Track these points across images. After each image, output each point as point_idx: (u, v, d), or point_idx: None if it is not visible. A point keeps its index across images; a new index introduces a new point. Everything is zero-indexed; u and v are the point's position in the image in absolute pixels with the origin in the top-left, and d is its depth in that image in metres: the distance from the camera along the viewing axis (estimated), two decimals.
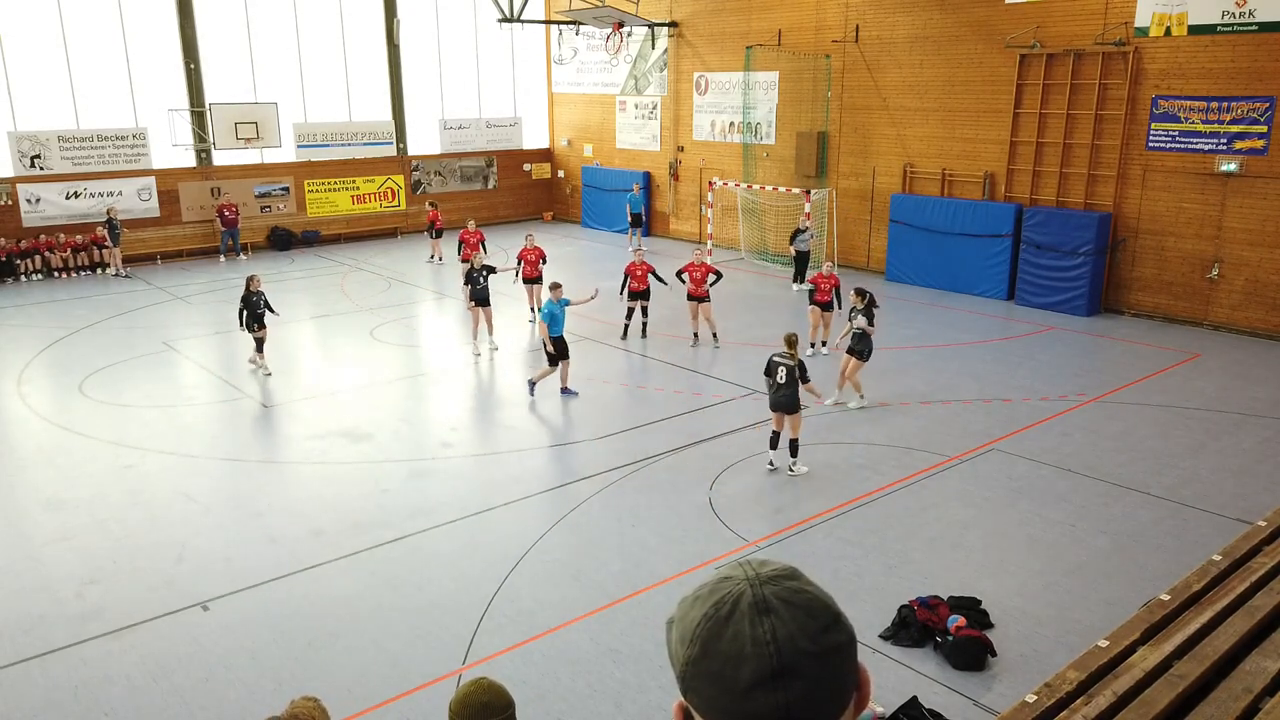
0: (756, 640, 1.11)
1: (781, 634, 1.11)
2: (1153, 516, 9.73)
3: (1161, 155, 17.13)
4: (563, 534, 9.42)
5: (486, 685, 3.34)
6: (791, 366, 10.55)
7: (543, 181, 30.50)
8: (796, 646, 1.11)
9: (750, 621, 1.12)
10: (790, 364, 10.56)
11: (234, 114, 23.56)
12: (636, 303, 16.32)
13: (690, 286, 15.65)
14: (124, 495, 10.35)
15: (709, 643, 1.13)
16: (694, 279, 15.60)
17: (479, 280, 15.12)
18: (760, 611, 1.13)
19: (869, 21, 20.98)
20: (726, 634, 1.12)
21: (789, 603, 1.14)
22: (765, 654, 1.10)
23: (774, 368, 10.67)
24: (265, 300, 14.37)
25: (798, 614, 1.14)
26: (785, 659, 1.10)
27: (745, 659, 1.10)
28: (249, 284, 14.28)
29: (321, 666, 7.29)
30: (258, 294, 14.24)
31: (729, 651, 1.11)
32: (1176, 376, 14.34)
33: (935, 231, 19.97)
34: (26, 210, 21.94)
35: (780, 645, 1.11)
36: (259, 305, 14.23)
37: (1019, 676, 7.04)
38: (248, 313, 14.17)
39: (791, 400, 10.58)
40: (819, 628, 1.14)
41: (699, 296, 15.63)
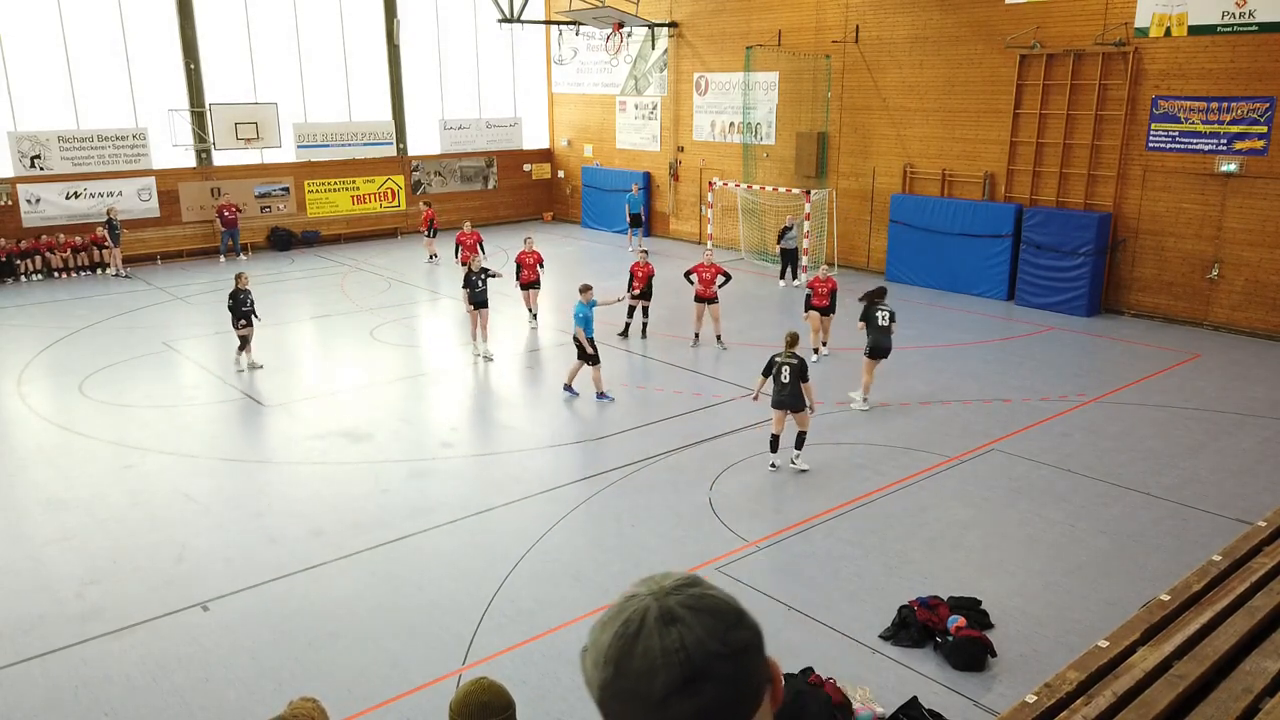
0: (666, 650, 1.13)
1: (689, 640, 1.13)
2: (1152, 517, 9.73)
3: (1161, 155, 17.13)
4: (563, 534, 9.42)
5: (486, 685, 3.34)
6: (795, 366, 10.58)
7: (543, 182, 30.50)
8: (706, 650, 1.13)
9: (658, 634, 1.14)
10: (793, 363, 10.60)
11: (234, 114, 23.56)
12: (638, 302, 16.34)
13: (699, 288, 15.61)
14: (124, 495, 10.36)
15: (621, 661, 1.14)
16: (704, 280, 15.58)
17: (478, 283, 15.09)
18: (666, 622, 1.14)
19: (869, 22, 20.98)
20: (637, 650, 1.14)
21: (693, 609, 1.16)
22: (675, 662, 1.12)
23: (777, 368, 10.69)
24: (251, 300, 14.45)
25: (703, 618, 1.16)
26: (696, 664, 1.12)
27: (657, 670, 1.12)
28: (237, 281, 14.44)
29: (321, 666, 7.29)
30: (245, 292, 14.34)
31: (641, 667, 1.13)
32: (1176, 377, 14.34)
33: (935, 232, 19.97)
34: (26, 210, 21.94)
35: (690, 651, 1.13)
36: (245, 303, 14.32)
37: (1019, 677, 7.04)
38: (234, 310, 14.31)
39: (796, 399, 10.61)
40: (725, 628, 1.16)
41: (708, 298, 15.60)
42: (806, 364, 10.80)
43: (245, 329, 14.37)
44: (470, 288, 15.08)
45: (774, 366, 10.74)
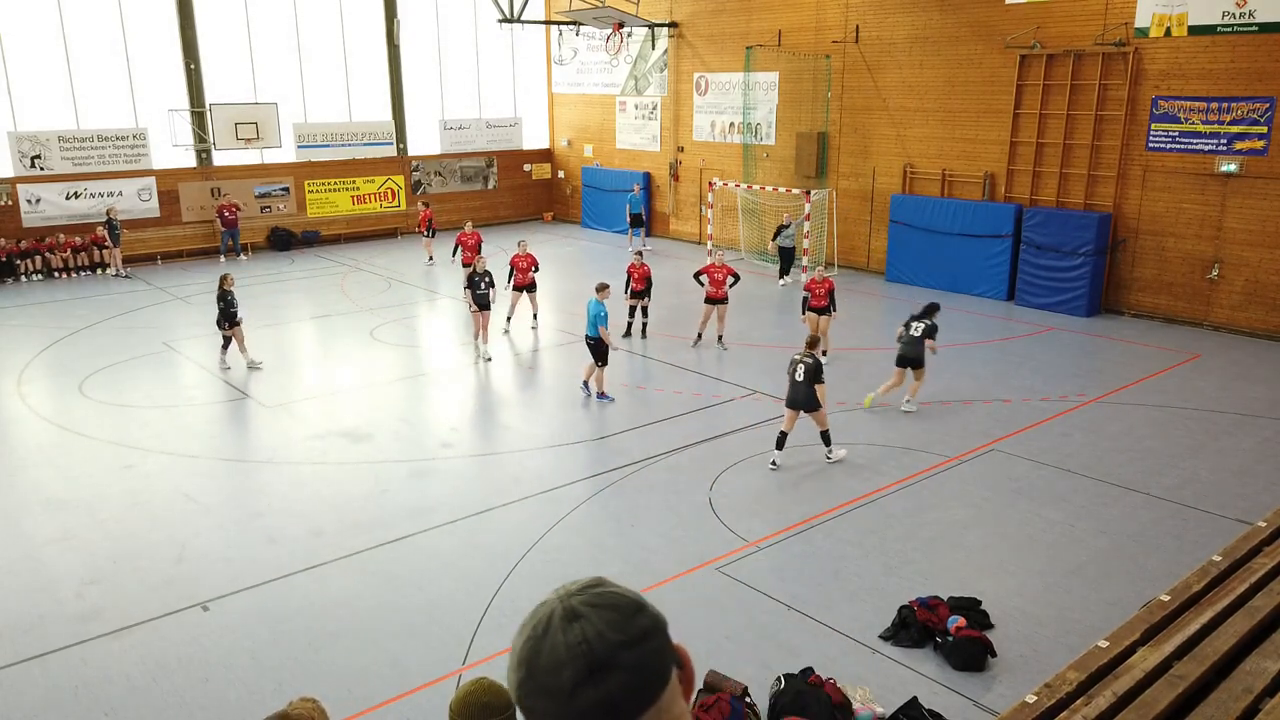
0: (570, 645, 1.20)
1: (591, 633, 1.21)
2: (1153, 517, 9.73)
3: (1161, 156, 17.13)
4: (563, 534, 9.42)
5: (487, 685, 3.34)
6: (809, 366, 10.71)
7: (543, 182, 30.51)
8: (607, 641, 1.20)
9: (563, 631, 1.22)
10: (808, 363, 10.73)
11: (234, 114, 23.56)
12: (637, 302, 16.33)
13: (710, 289, 15.55)
14: (124, 495, 10.36)
15: (531, 661, 1.22)
16: (714, 281, 15.51)
17: (480, 285, 15.07)
18: (570, 620, 1.22)
19: (869, 22, 20.98)
20: (545, 649, 1.22)
21: (594, 605, 1.24)
22: (579, 654, 1.19)
23: (792, 366, 10.84)
24: (233, 300, 14.58)
25: (604, 612, 1.23)
26: (599, 655, 1.19)
27: (564, 665, 1.19)
28: (222, 283, 14.51)
29: (321, 667, 7.29)
30: (230, 292, 14.44)
31: (549, 664, 1.21)
32: (1176, 377, 14.34)
33: (935, 232, 19.97)
34: (27, 210, 21.94)
35: (592, 644, 1.20)
36: (232, 304, 14.45)
37: (1019, 677, 7.04)
38: (224, 310, 14.41)
39: (809, 398, 10.69)
40: (624, 618, 1.23)
41: (719, 299, 15.55)
42: (821, 365, 10.89)
43: (231, 329, 14.47)
44: (473, 289, 15.06)
45: (792, 364, 10.87)
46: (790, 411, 10.86)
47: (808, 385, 10.66)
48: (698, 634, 7.62)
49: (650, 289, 16.44)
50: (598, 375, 13.21)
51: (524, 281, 16.71)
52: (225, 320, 14.42)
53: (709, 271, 15.60)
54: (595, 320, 12.93)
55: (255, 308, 18.52)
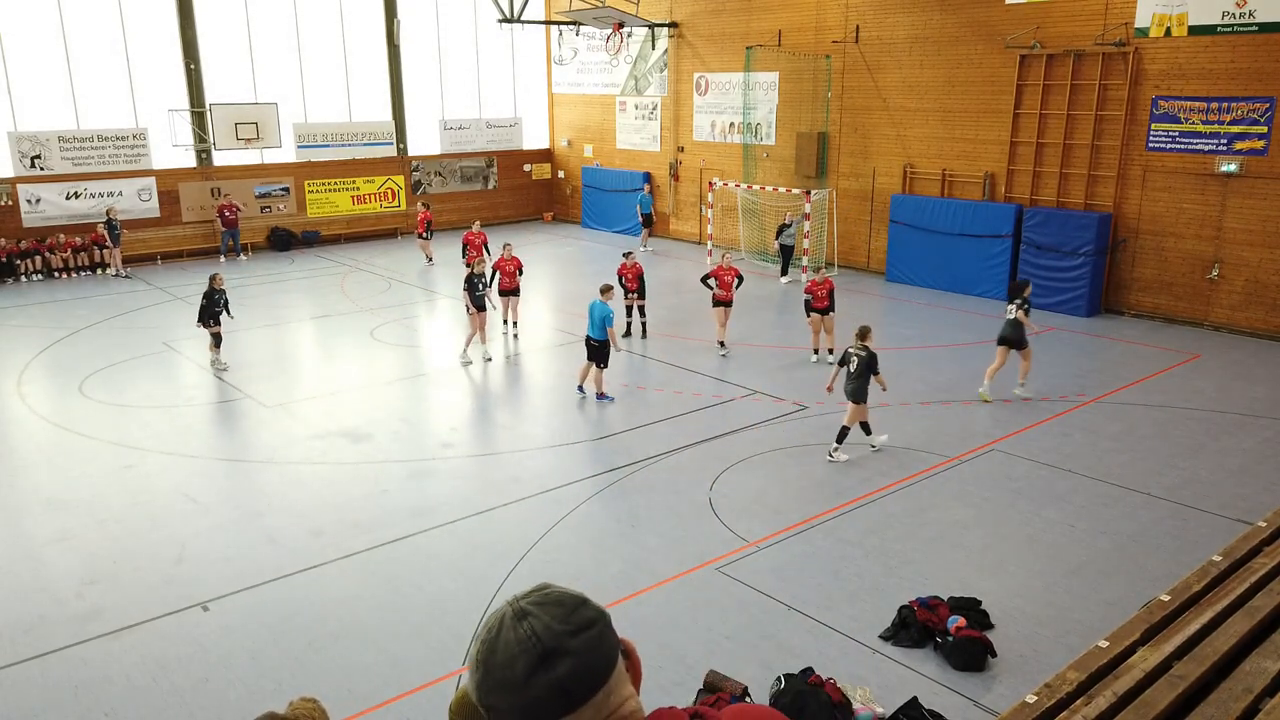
0: (520, 640, 1.32)
1: (539, 627, 1.33)
2: (1153, 517, 9.72)
3: (1161, 156, 17.13)
4: (563, 534, 9.42)
5: None
6: (864, 358, 10.99)
7: (543, 182, 30.51)
8: (553, 631, 1.32)
9: (513, 629, 1.34)
10: (863, 355, 11.02)
11: (234, 114, 23.56)
12: (633, 302, 16.26)
13: (720, 291, 15.36)
14: (124, 495, 10.36)
15: (488, 660, 1.34)
16: (723, 283, 15.34)
17: (479, 286, 14.99)
18: (519, 618, 1.35)
19: (869, 22, 20.98)
20: (498, 646, 1.34)
21: (540, 604, 1.36)
22: (529, 647, 1.32)
23: (847, 358, 11.16)
24: (226, 300, 14.77)
25: (549, 608, 1.35)
26: (547, 645, 1.32)
27: (516, 658, 1.31)
28: (212, 281, 14.58)
29: (321, 667, 7.29)
30: (219, 292, 14.54)
31: (503, 659, 1.33)
32: (1176, 377, 14.34)
33: (935, 232, 19.97)
34: (27, 210, 21.94)
35: (540, 635, 1.32)
36: (218, 304, 14.53)
37: (1019, 677, 7.04)
38: (207, 309, 14.45)
39: (859, 391, 10.98)
40: (568, 611, 1.35)
41: (728, 301, 15.41)
42: (876, 357, 11.13)
43: (215, 327, 14.51)
44: (471, 290, 14.98)
45: (846, 357, 11.19)
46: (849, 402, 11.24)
47: (859, 377, 10.98)
48: (698, 634, 7.63)
49: (644, 288, 16.37)
50: (597, 376, 13.16)
51: (510, 285, 16.49)
52: (211, 318, 14.45)
53: (718, 274, 15.45)
54: (603, 321, 12.84)
55: (255, 308, 18.53)
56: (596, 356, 13.07)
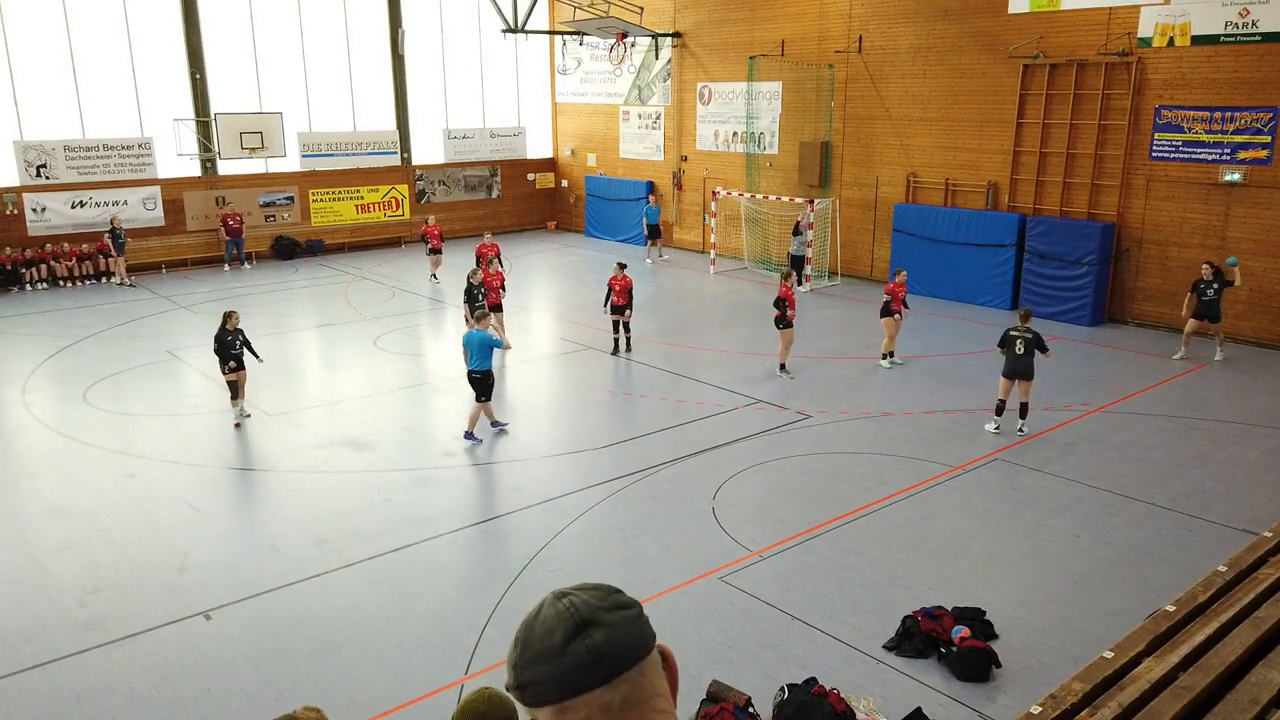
0: (559, 612, 1.38)
1: (578, 601, 1.39)
2: (1157, 527, 9.69)
3: (1165, 165, 17.13)
4: (565, 544, 9.41)
5: (488, 696, 3.32)
6: (1030, 339, 11.83)
7: (546, 191, 30.56)
8: (591, 606, 1.38)
9: (553, 606, 1.39)
10: (1028, 337, 11.85)
11: (239, 123, 23.65)
12: (618, 317, 15.83)
13: (792, 313, 14.52)
14: (127, 504, 10.36)
15: (527, 635, 1.39)
16: (793, 304, 14.52)
17: (479, 297, 14.95)
18: (559, 597, 1.41)
19: (872, 32, 21.02)
20: (538, 622, 1.39)
21: (580, 588, 1.43)
22: (567, 616, 1.37)
23: (1010, 340, 11.97)
24: (245, 339, 12.72)
25: (588, 590, 1.42)
26: (584, 614, 1.37)
27: (555, 628, 1.36)
28: (225, 321, 12.58)
29: (324, 676, 7.28)
30: (234, 332, 12.54)
31: (542, 631, 1.37)
32: (1181, 387, 14.31)
33: (939, 241, 19.97)
34: (32, 219, 22.02)
35: (578, 607, 1.38)
36: (234, 345, 12.51)
37: (1024, 688, 7.01)
38: (220, 354, 12.50)
39: (1029, 368, 11.91)
40: (606, 594, 1.42)
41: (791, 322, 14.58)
42: (1042, 336, 11.97)
43: (235, 373, 12.54)
44: (471, 301, 14.91)
45: (1009, 339, 11.96)
46: (1007, 381, 12.11)
47: (1029, 357, 11.84)
48: (700, 644, 7.60)
49: (631, 303, 15.87)
50: (487, 410, 12.19)
51: (495, 300, 16.38)
52: (228, 362, 12.49)
53: (787, 295, 14.45)
54: (483, 348, 11.88)
55: (259, 316, 18.57)
56: (480, 390, 12.08)
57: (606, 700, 1.35)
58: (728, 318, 19.05)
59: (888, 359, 15.25)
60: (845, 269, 22.26)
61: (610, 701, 1.35)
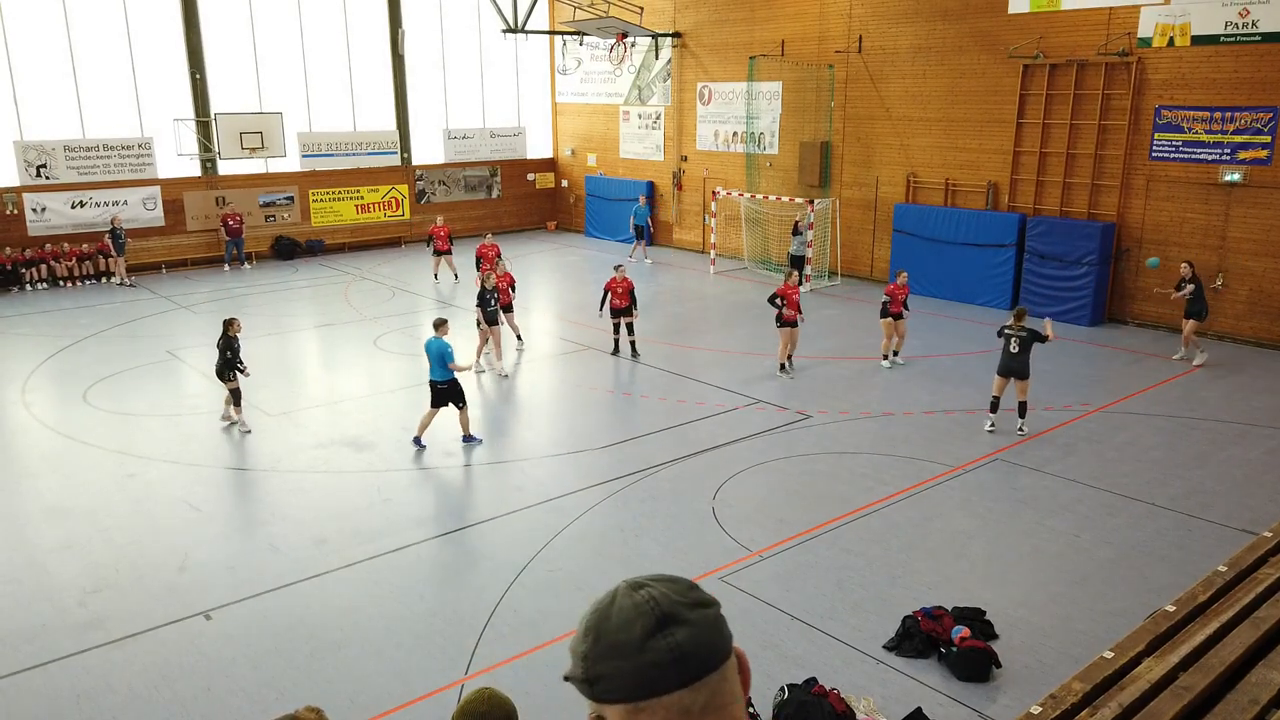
0: (638, 604, 1.29)
1: (657, 594, 1.31)
2: (1157, 527, 9.69)
3: (1165, 165, 17.13)
4: (566, 543, 9.41)
5: (488, 696, 3.33)
6: (1024, 337, 11.78)
7: (546, 191, 30.56)
8: (671, 600, 1.30)
9: (629, 596, 1.31)
10: (1022, 335, 11.79)
11: (239, 123, 23.64)
12: (620, 320, 15.70)
13: (788, 311, 14.46)
14: (127, 504, 10.36)
15: (601, 626, 1.30)
16: (792, 303, 14.44)
17: (490, 301, 14.78)
18: (635, 587, 1.33)
19: (872, 32, 21.02)
20: (613, 613, 1.30)
21: (656, 580, 1.34)
22: (647, 610, 1.28)
23: (1006, 339, 11.94)
24: (237, 350, 12.44)
25: (665, 583, 1.33)
26: (665, 609, 1.29)
27: (633, 621, 1.28)
28: (228, 328, 12.50)
29: (324, 676, 7.28)
30: (234, 338, 12.45)
31: (618, 623, 1.29)
32: (1180, 387, 14.31)
33: (939, 241, 19.98)
34: (32, 219, 22.02)
35: (658, 601, 1.29)
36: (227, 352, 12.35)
37: (1024, 688, 7.01)
38: (221, 360, 12.38)
39: (1023, 366, 11.85)
40: (685, 589, 1.34)
41: (794, 321, 14.57)
42: (1037, 333, 11.88)
43: (234, 382, 12.47)
44: (483, 305, 14.65)
45: (1004, 337, 11.92)
46: (1000, 379, 12.06)
47: (1023, 355, 11.79)
48: None
49: (635, 304, 15.73)
50: (462, 418, 11.96)
51: (504, 301, 16.32)
52: (229, 370, 12.37)
53: (786, 292, 14.48)
54: (441, 357, 11.56)
55: (259, 316, 18.57)
56: (447, 399, 11.76)
57: (686, 704, 1.27)
58: (728, 318, 19.05)
59: (888, 359, 15.26)
60: (845, 269, 22.26)
61: (690, 705, 1.27)
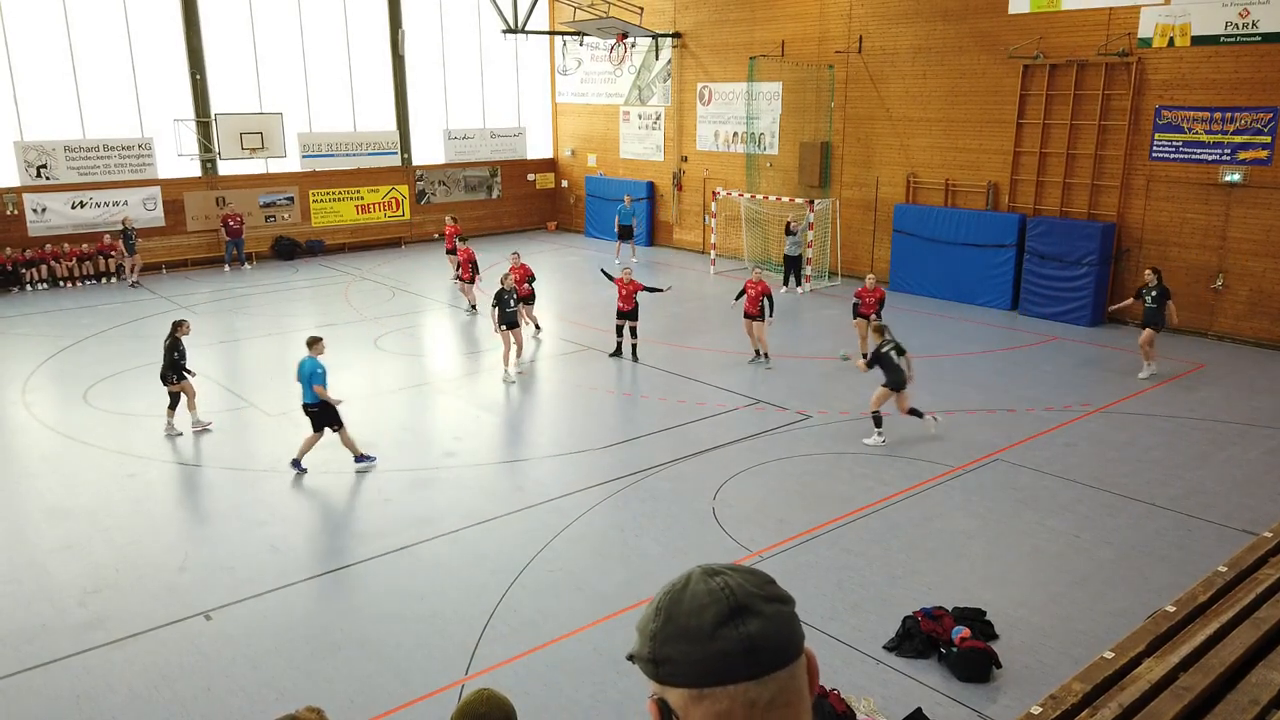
0: (712, 591, 1.28)
1: (733, 583, 1.30)
2: (1157, 527, 9.69)
3: (1165, 165, 17.13)
4: (566, 544, 9.41)
5: (487, 697, 3.33)
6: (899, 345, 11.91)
7: (546, 191, 30.57)
8: (747, 590, 1.29)
9: (704, 581, 1.30)
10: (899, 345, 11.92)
11: (239, 124, 23.65)
12: (624, 322, 15.61)
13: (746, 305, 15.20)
14: (127, 504, 10.36)
15: (672, 608, 1.30)
16: (750, 298, 15.16)
17: (509, 303, 14.58)
18: (710, 574, 1.32)
19: (872, 32, 21.02)
20: (685, 596, 1.30)
21: (732, 569, 1.34)
22: (722, 597, 1.27)
23: (884, 356, 11.88)
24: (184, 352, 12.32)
25: (742, 573, 1.33)
26: (740, 599, 1.28)
27: (706, 607, 1.27)
28: (175, 329, 12.36)
29: (324, 676, 7.28)
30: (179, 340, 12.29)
31: (690, 607, 1.28)
32: (1181, 387, 14.30)
33: (939, 242, 19.97)
34: (32, 220, 22.02)
35: (734, 589, 1.28)
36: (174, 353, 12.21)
37: (1024, 688, 7.01)
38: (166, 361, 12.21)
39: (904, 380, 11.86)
40: (761, 581, 1.32)
41: (752, 315, 15.17)
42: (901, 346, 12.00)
43: (178, 385, 12.32)
44: (501, 307, 14.48)
45: (883, 357, 11.84)
46: (887, 391, 11.85)
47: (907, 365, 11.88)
48: None
49: (637, 310, 15.54)
50: (343, 436, 11.17)
51: (521, 295, 16.31)
52: (172, 373, 12.18)
53: (747, 288, 15.25)
54: (309, 380, 10.94)
55: (259, 317, 18.58)
56: (322, 423, 11.11)
57: (753, 696, 1.26)
58: (728, 318, 19.02)
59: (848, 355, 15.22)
60: (845, 269, 22.26)
61: (756, 698, 1.26)
